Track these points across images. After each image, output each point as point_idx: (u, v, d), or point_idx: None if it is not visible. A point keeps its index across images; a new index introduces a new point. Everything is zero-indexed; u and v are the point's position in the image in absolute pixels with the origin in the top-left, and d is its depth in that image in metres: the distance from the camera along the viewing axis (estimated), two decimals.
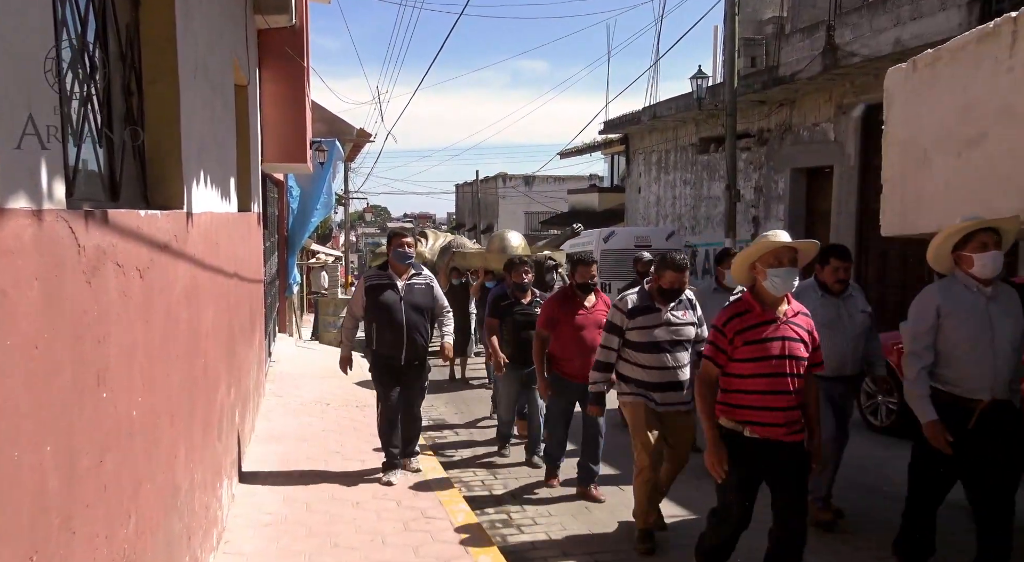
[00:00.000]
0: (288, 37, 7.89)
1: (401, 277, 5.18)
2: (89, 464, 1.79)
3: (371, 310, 5.14)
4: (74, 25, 2.12)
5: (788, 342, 3.22)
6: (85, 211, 1.79)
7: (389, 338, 5.09)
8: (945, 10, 8.77)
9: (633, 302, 4.26)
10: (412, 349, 5.14)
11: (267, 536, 4.09)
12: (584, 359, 4.87)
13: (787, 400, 3.21)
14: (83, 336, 1.75)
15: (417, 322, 5.16)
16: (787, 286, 3.20)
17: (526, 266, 6.01)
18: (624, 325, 4.25)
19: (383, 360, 5.16)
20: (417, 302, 5.18)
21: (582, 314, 5.11)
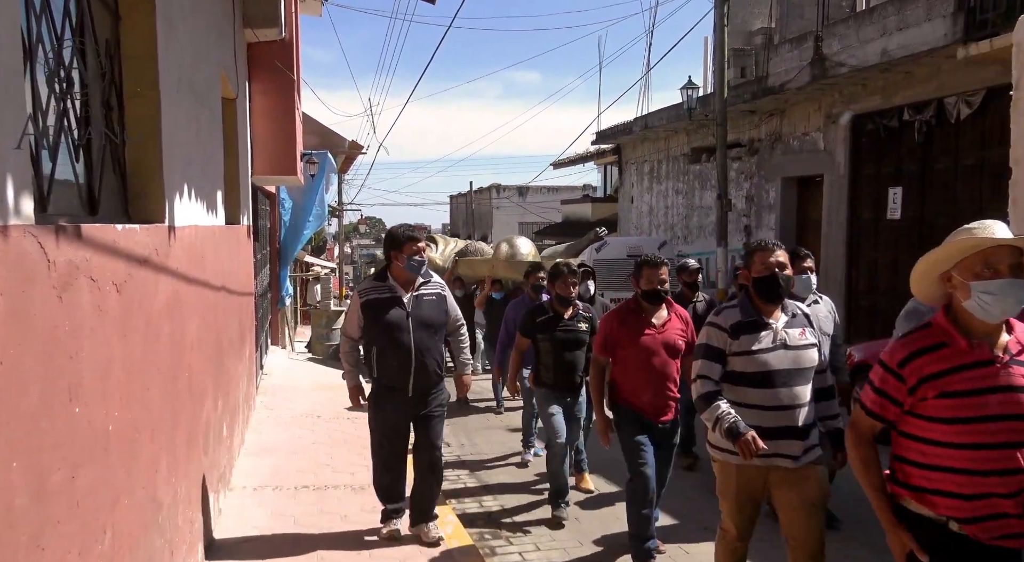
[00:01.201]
0: (278, 50, 7.91)
1: (407, 289, 4.18)
2: (60, 480, 1.77)
3: (371, 331, 4.17)
4: (50, 40, 2.12)
5: (1015, 394, 2.10)
6: (56, 226, 1.78)
7: (394, 364, 4.11)
8: (930, 20, 8.85)
9: (735, 316, 3.11)
10: (423, 376, 4.16)
11: (254, 550, 4.07)
12: (658, 393, 4.06)
13: (1019, 483, 2.10)
14: (54, 351, 1.75)
15: (428, 343, 4.16)
16: (1008, 307, 2.09)
17: (574, 277, 4.98)
18: (727, 348, 3.08)
19: (387, 391, 4.19)
20: (428, 318, 4.18)
21: (650, 334, 4.06)
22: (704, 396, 3.07)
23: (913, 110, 10.14)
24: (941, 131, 9.83)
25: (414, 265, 4.13)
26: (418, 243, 4.15)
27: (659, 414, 4.07)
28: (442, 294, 4.29)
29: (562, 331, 4.93)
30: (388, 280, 4.18)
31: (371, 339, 4.19)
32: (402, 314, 4.12)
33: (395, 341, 4.09)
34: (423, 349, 4.14)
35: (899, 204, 10.60)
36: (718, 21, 12.13)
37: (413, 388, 4.15)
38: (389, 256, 4.19)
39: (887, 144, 10.74)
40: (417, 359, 4.12)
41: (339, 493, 5.09)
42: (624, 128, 18.17)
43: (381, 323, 4.11)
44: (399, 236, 4.15)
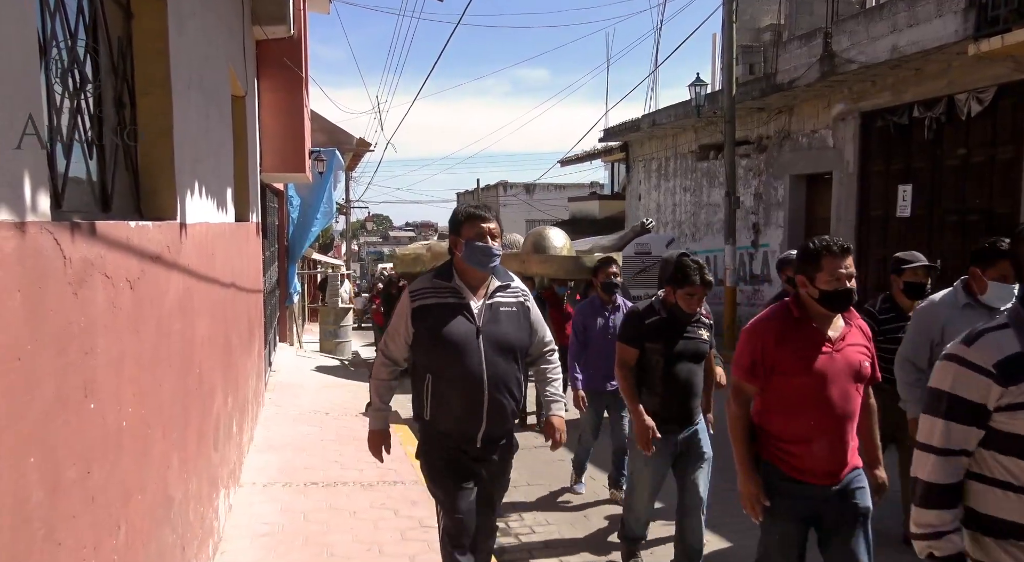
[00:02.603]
0: (287, 47, 7.93)
1: (476, 292, 2.98)
2: (75, 475, 1.79)
3: (424, 351, 2.95)
4: (64, 37, 2.13)
5: None
6: (71, 223, 1.79)
7: (458, 404, 2.91)
8: (941, 16, 8.79)
9: (1001, 347, 1.76)
10: (497, 420, 2.96)
11: (263, 546, 4.08)
12: (836, 444, 2.69)
13: None
14: (69, 347, 1.76)
15: (506, 373, 2.94)
16: None
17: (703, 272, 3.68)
18: (996, 402, 1.75)
19: (446, 442, 2.98)
20: (506, 337, 2.96)
21: (826, 354, 2.67)
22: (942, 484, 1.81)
23: (923, 107, 10.09)
24: (951, 128, 9.77)
25: (477, 253, 2.89)
26: (485, 224, 2.90)
27: (832, 474, 2.68)
28: (525, 304, 3.05)
29: (681, 339, 3.72)
30: (454, 279, 2.95)
31: (424, 364, 2.94)
32: (469, 329, 2.88)
33: (460, 368, 2.86)
34: (499, 381, 2.90)
35: (909, 201, 10.54)
36: (727, 18, 12.08)
37: (484, 437, 2.94)
38: (451, 246, 3.04)
39: (897, 141, 10.68)
40: (491, 396, 2.88)
41: (348, 489, 5.11)
42: (632, 125, 18.13)
43: (440, 341, 2.86)
44: (458, 216, 2.99)
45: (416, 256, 10.28)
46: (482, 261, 2.91)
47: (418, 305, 2.92)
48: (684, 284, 3.61)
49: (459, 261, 2.97)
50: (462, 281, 2.96)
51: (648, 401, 3.77)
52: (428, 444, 3.04)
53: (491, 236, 2.91)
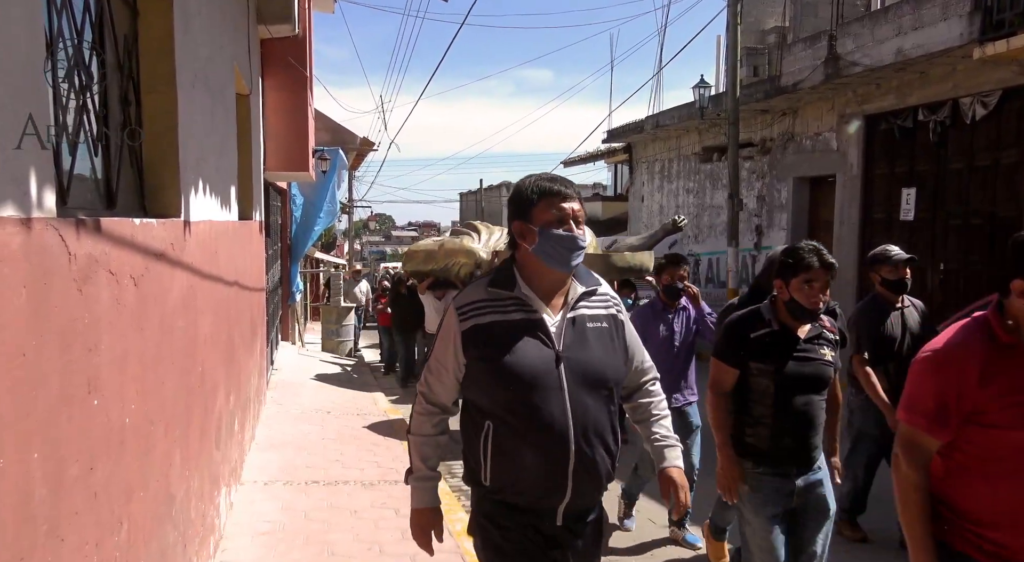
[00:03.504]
0: (291, 46, 7.94)
1: (551, 302, 2.15)
2: (78, 472, 1.79)
3: (484, 391, 2.12)
4: (70, 35, 2.14)
5: None
6: (77, 220, 1.80)
7: (533, 464, 2.07)
8: (947, 20, 8.78)
9: None
10: (587, 487, 2.12)
11: (264, 544, 4.09)
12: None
13: None
14: (73, 344, 1.76)
15: (598, 418, 2.11)
16: None
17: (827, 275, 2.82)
18: None
19: (514, 518, 2.14)
20: (595, 365, 2.12)
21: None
22: None
23: (928, 110, 10.07)
24: (956, 131, 9.75)
25: (560, 248, 2.05)
26: (567, 203, 2.07)
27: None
28: (618, 317, 2.21)
29: (798, 359, 2.86)
30: (518, 285, 2.11)
31: (481, 407, 2.11)
32: (546, 357, 2.05)
33: (534, 413, 2.02)
34: (590, 430, 2.06)
35: (912, 205, 10.52)
36: (731, 20, 12.07)
37: (568, 510, 2.11)
38: (514, 236, 2.15)
39: (901, 144, 10.66)
40: (579, 451, 2.04)
41: (349, 488, 5.11)
42: (635, 127, 18.12)
43: (504, 374, 2.03)
44: (525, 192, 2.10)
45: (428, 253, 9.64)
46: (564, 257, 2.04)
47: (471, 325, 2.05)
48: (798, 270, 2.78)
49: (526, 259, 2.09)
50: (530, 288, 2.08)
51: (753, 435, 2.91)
52: (487, 520, 2.14)
53: (575, 221, 2.05)
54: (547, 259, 2.06)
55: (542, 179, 2.10)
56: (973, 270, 9.46)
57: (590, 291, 2.18)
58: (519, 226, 2.10)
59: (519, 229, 2.11)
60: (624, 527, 4.68)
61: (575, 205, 2.08)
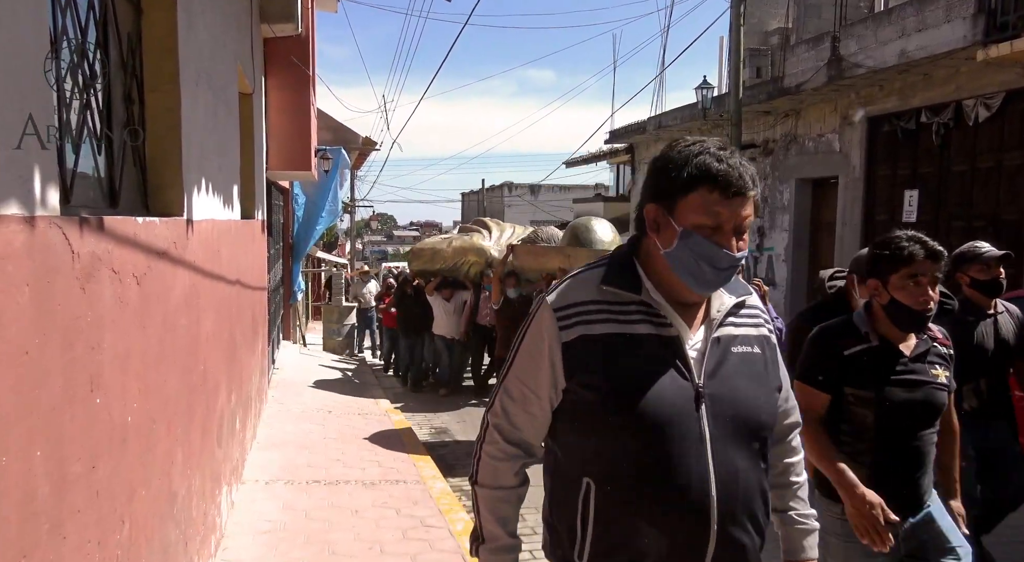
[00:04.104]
0: (294, 46, 7.95)
1: (689, 313, 1.53)
2: (81, 470, 1.79)
3: (588, 431, 1.49)
4: (74, 33, 2.14)
5: None
6: (80, 218, 1.80)
7: (655, 545, 1.45)
8: (950, 22, 8.77)
9: None
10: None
11: (265, 543, 4.09)
12: None
13: None
14: (76, 342, 1.76)
15: (748, 481, 1.49)
16: None
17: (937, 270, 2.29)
18: None
19: None
20: (747, 405, 1.50)
21: None
22: None
23: (931, 112, 10.06)
24: (959, 133, 9.74)
25: (706, 265, 1.44)
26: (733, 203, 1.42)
27: None
28: (770, 339, 1.65)
29: (904, 383, 2.30)
30: (644, 287, 1.52)
31: (581, 454, 1.53)
32: (681, 391, 1.47)
33: (660, 470, 1.45)
34: (738, 497, 1.49)
35: (915, 207, 10.51)
36: (734, 21, 12.06)
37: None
38: (644, 224, 1.55)
39: (903, 146, 10.65)
40: (722, 530, 1.46)
41: (350, 488, 5.11)
42: (638, 127, 18.11)
43: (622, 411, 1.45)
44: (677, 165, 1.45)
45: (435, 251, 9.49)
46: (705, 277, 1.44)
47: (578, 335, 1.46)
48: (898, 264, 2.23)
49: (656, 255, 1.49)
50: (660, 292, 1.49)
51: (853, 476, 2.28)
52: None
53: (738, 232, 1.42)
54: (681, 272, 1.44)
55: (709, 152, 1.40)
56: None
57: (739, 303, 1.56)
58: (655, 212, 1.47)
59: (654, 216, 1.47)
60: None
61: (746, 208, 1.41)
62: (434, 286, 9.31)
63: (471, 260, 9.20)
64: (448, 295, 9.36)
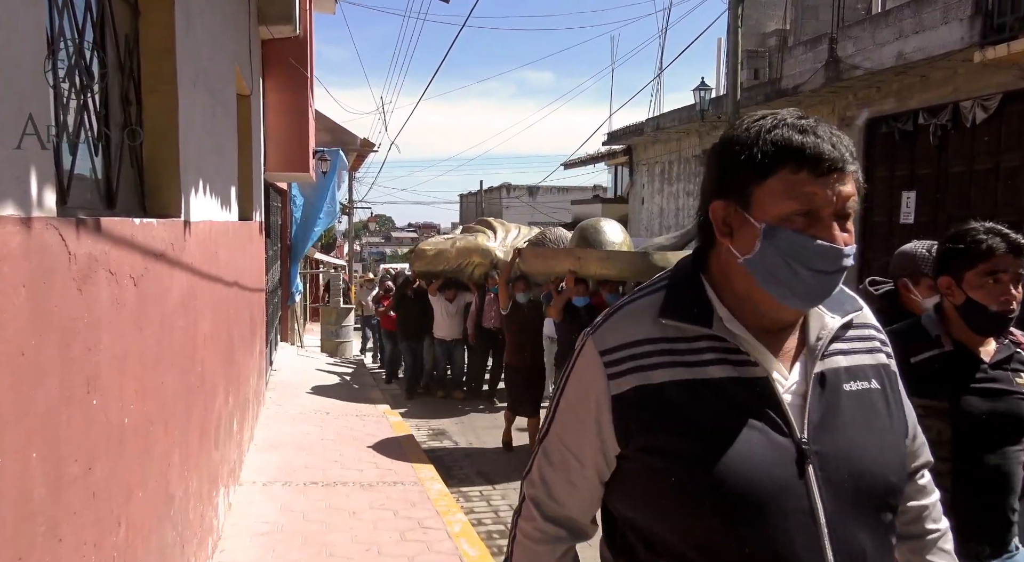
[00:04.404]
0: (292, 47, 7.95)
1: (777, 342, 1.15)
2: (77, 471, 1.79)
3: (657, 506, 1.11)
4: (71, 34, 2.14)
5: None
6: (77, 219, 1.80)
7: None
8: (947, 24, 8.78)
9: None
10: None
11: (263, 545, 4.08)
12: None
13: None
14: (72, 343, 1.76)
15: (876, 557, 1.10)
16: None
17: None
18: None
19: None
20: (864, 465, 1.10)
21: None
22: None
23: (928, 114, 10.08)
24: (956, 135, 9.76)
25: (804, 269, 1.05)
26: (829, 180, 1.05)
27: None
28: (889, 368, 1.23)
29: (984, 392, 2.00)
30: (713, 313, 1.14)
31: (651, 537, 1.14)
32: (781, 452, 1.08)
33: (759, 558, 1.06)
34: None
35: (913, 208, 10.53)
36: (732, 22, 12.07)
37: None
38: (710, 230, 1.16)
39: (901, 147, 10.67)
40: None
41: (347, 490, 5.11)
42: (636, 129, 18.13)
43: (701, 485, 1.07)
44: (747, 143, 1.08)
45: (438, 252, 9.20)
46: (809, 286, 1.08)
47: (633, 386, 1.13)
48: (975, 260, 1.96)
49: (730, 269, 1.15)
50: (740, 319, 1.15)
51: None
52: None
53: (840, 218, 1.08)
54: (770, 283, 1.08)
55: (786, 123, 1.09)
56: None
57: (847, 322, 1.19)
58: (724, 210, 1.12)
59: (723, 215, 1.12)
60: None
61: (846, 186, 1.07)
62: (437, 287, 9.10)
63: (475, 261, 8.95)
64: (451, 296, 9.17)
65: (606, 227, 6.99)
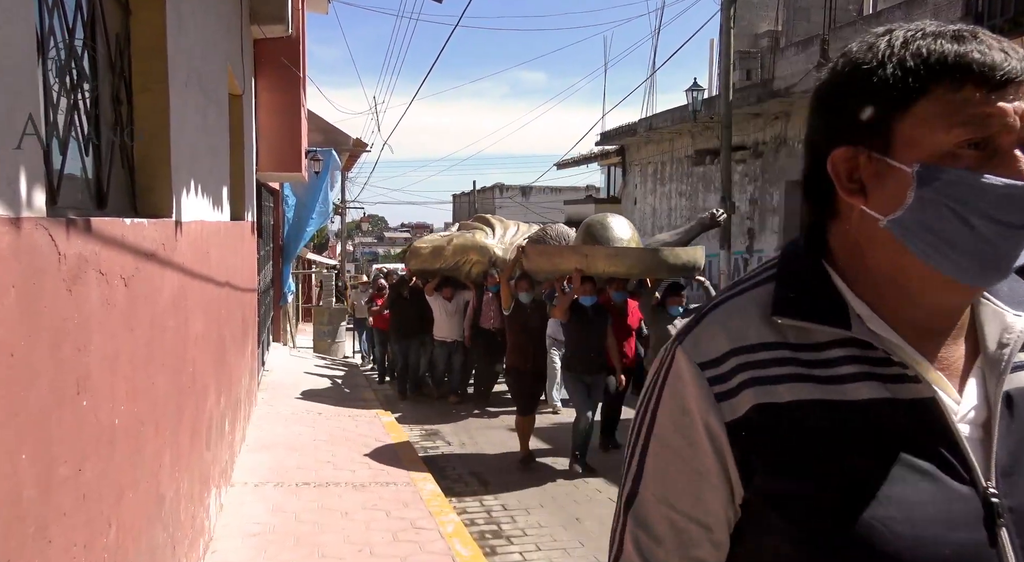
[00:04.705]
0: (284, 47, 7.93)
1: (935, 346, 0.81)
2: (68, 472, 1.78)
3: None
4: (62, 34, 2.13)
5: None
6: (67, 219, 1.79)
7: None
8: None
9: None
10: None
11: (254, 546, 4.07)
12: None
13: None
14: (63, 344, 1.75)
15: None
16: None
17: None
18: None
19: None
20: None
21: None
22: None
23: None
24: None
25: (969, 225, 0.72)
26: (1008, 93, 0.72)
27: None
28: None
29: None
30: (848, 309, 0.81)
31: None
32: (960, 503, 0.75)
33: None
34: None
35: None
36: (724, 23, 12.12)
37: None
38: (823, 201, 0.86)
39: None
40: None
41: (340, 490, 5.10)
42: (628, 129, 18.17)
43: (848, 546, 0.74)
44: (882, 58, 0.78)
45: (435, 249, 8.86)
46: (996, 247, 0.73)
47: (752, 406, 0.79)
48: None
49: (868, 245, 0.81)
50: (879, 314, 0.81)
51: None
52: None
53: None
54: (932, 250, 0.75)
55: (933, 32, 0.81)
56: None
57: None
58: (846, 160, 0.81)
59: (850, 167, 0.81)
60: None
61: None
62: (434, 286, 8.78)
63: (473, 259, 8.62)
64: (449, 295, 8.85)
65: (613, 223, 6.63)
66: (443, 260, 8.73)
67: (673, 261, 6.00)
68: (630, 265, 6.11)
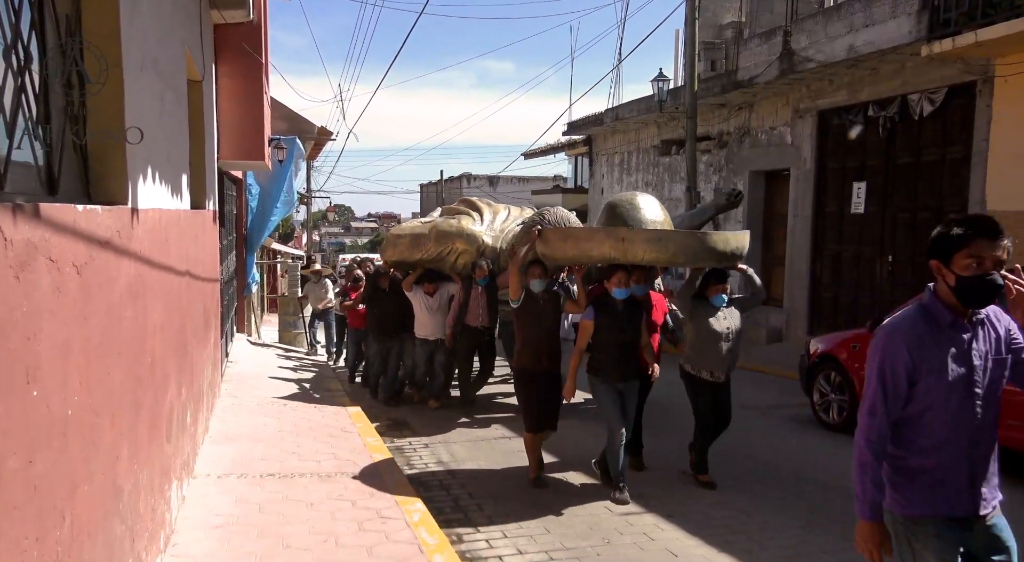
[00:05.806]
0: (246, 33, 7.80)
1: None
2: (17, 465, 1.74)
3: None
4: (7, 14, 2.06)
5: None
6: (13, 205, 1.74)
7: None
8: (896, 18, 8.99)
9: None
10: None
11: (217, 538, 4.03)
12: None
13: None
14: (10, 333, 1.71)
15: None
16: None
17: None
18: None
19: None
20: None
21: None
22: None
23: (878, 106, 10.32)
24: (904, 127, 10.01)
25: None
26: None
27: None
28: None
29: None
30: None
31: None
32: None
33: None
34: None
35: (863, 198, 10.79)
36: (689, 14, 12.19)
37: None
38: None
39: (852, 139, 10.91)
40: None
41: (305, 481, 5.07)
42: (595, 119, 18.21)
43: None
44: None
45: (415, 237, 7.71)
46: None
47: None
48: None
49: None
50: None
51: None
52: None
53: None
54: None
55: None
56: (920, 263, 9.75)
57: None
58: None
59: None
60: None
61: None
62: (413, 280, 7.74)
63: (459, 249, 7.50)
64: (431, 290, 7.76)
65: (643, 203, 5.71)
66: (424, 250, 7.59)
67: (723, 248, 5.13)
68: (674, 252, 5.17)
